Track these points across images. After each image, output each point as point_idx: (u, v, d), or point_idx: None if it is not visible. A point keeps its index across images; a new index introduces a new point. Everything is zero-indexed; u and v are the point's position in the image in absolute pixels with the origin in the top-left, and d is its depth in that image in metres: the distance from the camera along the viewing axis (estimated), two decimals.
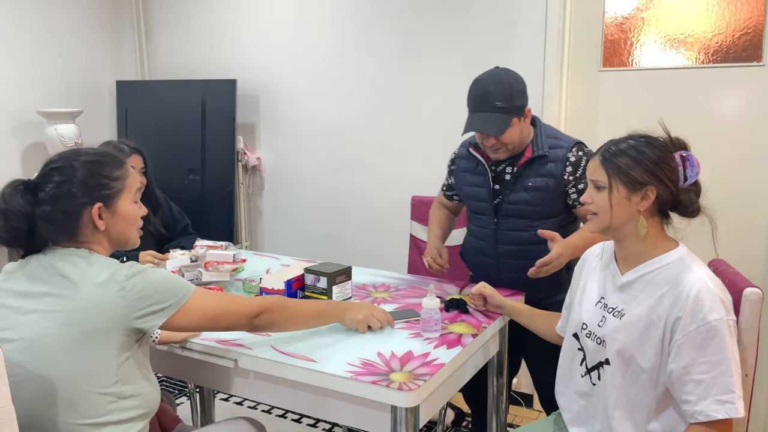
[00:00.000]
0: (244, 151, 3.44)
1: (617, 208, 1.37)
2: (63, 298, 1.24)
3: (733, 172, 2.45)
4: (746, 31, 2.38)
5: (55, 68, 3.38)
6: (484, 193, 2.03)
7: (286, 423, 2.77)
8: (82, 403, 1.25)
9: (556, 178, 1.92)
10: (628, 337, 1.37)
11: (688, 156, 1.36)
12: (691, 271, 1.31)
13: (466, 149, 2.11)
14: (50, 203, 1.28)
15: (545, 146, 1.94)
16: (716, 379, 1.24)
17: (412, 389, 1.34)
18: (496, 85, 1.88)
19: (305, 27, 3.25)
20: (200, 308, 1.35)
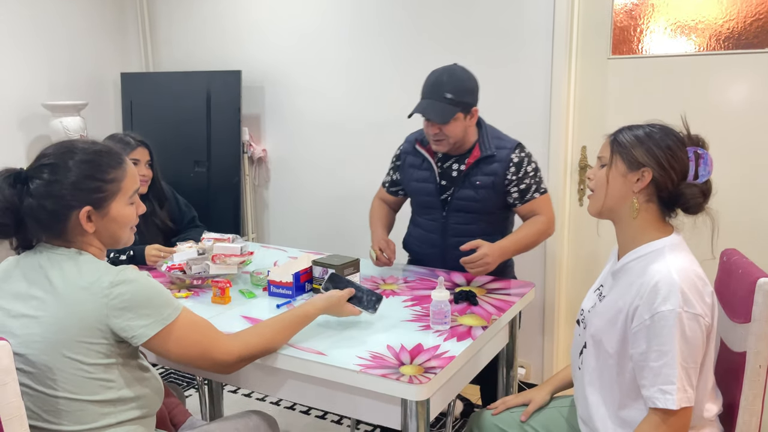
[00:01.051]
0: (250, 143, 3.43)
1: (612, 184, 1.38)
2: (46, 303, 1.21)
3: (745, 160, 2.42)
4: (758, 17, 2.34)
5: (60, 61, 3.37)
6: (431, 188, 2.13)
7: (294, 415, 2.77)
8: (71, 411, 1.23)
9: (499, 177, 2.06)
10: (599, 321, 1.40)
11: (703, 154, 1.34)
12: (661, 261, 1.31)
13: (411, 145, 2.18)
14: (37, 200, 1.23)
15: (492, 146, 2.06)
16: (662, 368, 1.25)
17: (423, 382, 1.33)
18: (449, 77, 1.98)
19: (310, 17, 3.22)
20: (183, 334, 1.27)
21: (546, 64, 2.66)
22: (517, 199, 2.09)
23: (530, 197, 2.09)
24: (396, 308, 1.78)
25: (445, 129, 1.99)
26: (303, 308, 1.53)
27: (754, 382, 1.36)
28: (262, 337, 1.42)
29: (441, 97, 1.97)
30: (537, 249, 2.78)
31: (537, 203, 2.10)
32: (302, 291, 1.90)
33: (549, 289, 2.80)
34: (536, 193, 2.10)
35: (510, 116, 2.78)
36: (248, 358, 1.40)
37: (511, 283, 2.01)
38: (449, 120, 1.96)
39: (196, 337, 1.31)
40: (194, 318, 1.33)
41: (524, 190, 2.08)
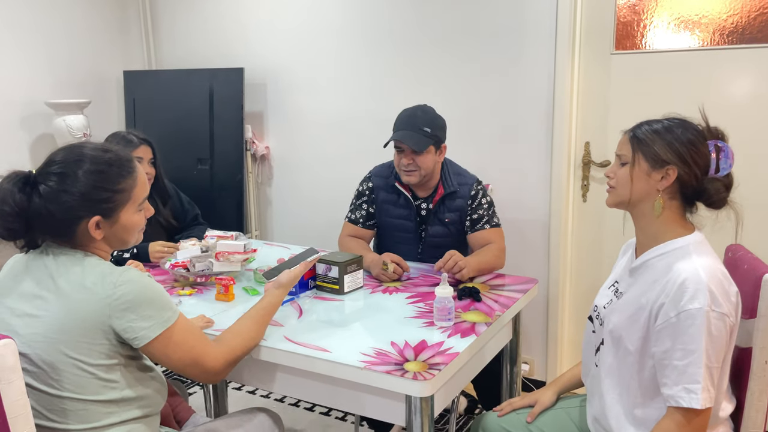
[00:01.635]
0: (253, 140, 3.43)
1: (636, 183, 1.36)
2: (49, 303, 1.22)
3: (749, 155, 2.41)
4: (762, 11, 2.33)
5: (62, 59, 3.37)
6: (410, 226, 2.23)
7: (298, 411, 2.77)
8: (74, 411, 1.23)
9: (464, 212, 2.19)
10: (619, 318, 1.38)
11: (723, 147, 1.33)
12: (688, 259, 1.29)
13: (384, 181, 2.27)
14: (46, 207, 1.22)
15: (454, 183, 2.20)
16: (687, 367, 1.23)
17: (427, 378, 1.33)
18: (423, 113, 2.15)
19: (313, 15, 3.21)
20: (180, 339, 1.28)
21: (549, 59, 2.65)
22: (468, 227, 2.19)
23: (480, 227, 2.17)
24: (400, 305, 1.78)
25: (418, 160, 2.10)
26: (267, 299, 1.55)
27: (761, 378, 1.35)
28: (242, 336, 1.43)
29: (416, 128, 2.09)
30: (540, 245, 2.79)
31: (488, 233, 2.16)
32: (306, 288, 1.90)
33: (552, 285, 2.80)
34: (487, 225, 2.17)
35: (513, 112, 2.77)
36: (233, 361, 1.40)
37: (514, 279, 2.01)
38: (424, 149, 2.08)
39: (192, 343, 1.31)
40: (189, 323, 1.34)
41: (476, 220, 2.18)
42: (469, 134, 2.89)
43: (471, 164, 2.89)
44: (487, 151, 2.86)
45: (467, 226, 2.20)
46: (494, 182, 2.80)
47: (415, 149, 2.08)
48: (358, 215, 2.30)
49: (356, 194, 2.34)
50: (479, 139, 2.87)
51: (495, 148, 2.84)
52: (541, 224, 2.78)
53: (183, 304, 1.82)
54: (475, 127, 2.88)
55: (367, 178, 2.34)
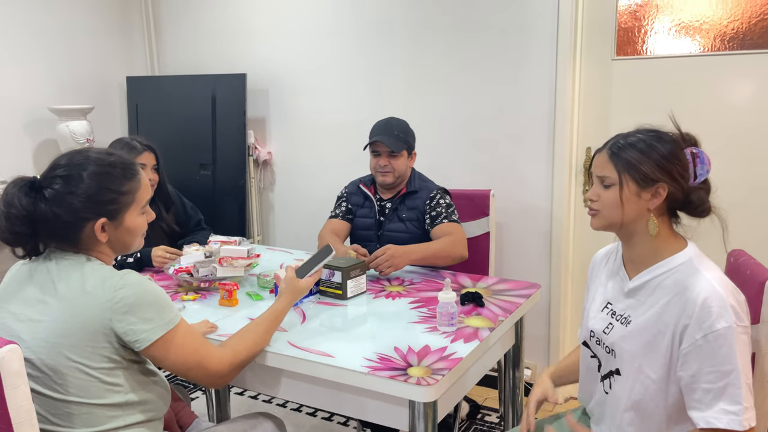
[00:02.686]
0: (255, 146, 3.44)
1: (627, 205, 1.30)
2: (50, 308, 1.22)
3: (751, 160, 2.42)
4: (763, 17, 2.34)
5: (65, 65, 3.38)
6: (371, 223, 2.42)
7: (301, 417, 2.77)
8: (78, 415, 1.24)
9: (420, 212, 2.34)
10: (635, 346, 1.32)
11: (698, 153, 1.30)
12: (699, 275, 1.25)
13: (355, 186, 2.50)
14: (52, 210, 1.23)
15: (416, 185, 2.39)
16: (725, 389, 1.18)
17: (431, 384, 1.33)
18: (398, 122, 2.38)
19: (315, 21, 3.23)
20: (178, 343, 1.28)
21: (550, 65, 2.66)
22: (428, 224, 2.32)
23: (440, 221, 2.30)
24: (403, 310, 1.79)
25: (393, 162, 2.32)
26: (275, 307, 1.56)
27: (764, 384, 1.35)
28: (248, 342, 1.44)
29: (392, 134, 2.33)
30: (542, 250, 2.79)
31: (446, 226, 2.28)
32: (309, 293, 1.90)
33: (554, 290, 2.80)
34: (445, 219, 2.30)
35: (515, 118, 2.78)
36: (238, 365, 1.41)
37: (517, 284, 2.02)
38: (400, 150, 2.31)
39: (194, 346, 1.32)
40: (191, 327, 1.35)
41: (435, 216, 2.32)
42: (471, 140, 2.90)
43: (473, 170, 2.91)
44: (488, 157, 2.87)
45: (427, 223, 2.33)
46: (496, 187, 2.81)
47: (392, 150, 2.29)
48: (338, 211, 2.52)
49: (337, 198, 2.57)
50: (481, 144, 2.88)
51: (497, 153, 2.85)
52: (543, 229, 2.79)
53: (186, 309, 1.83)
54: (477, 133, 2.88)
55: (345, 187, 2.57)
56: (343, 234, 2.49)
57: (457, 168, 2.93)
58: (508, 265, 2.90)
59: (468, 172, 2.92)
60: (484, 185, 2.86)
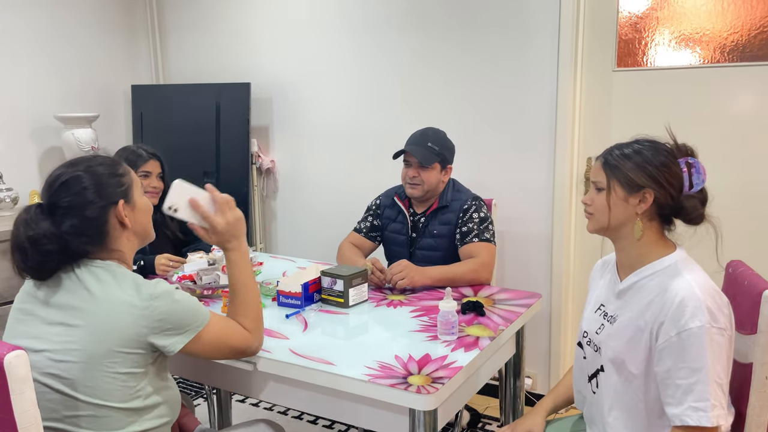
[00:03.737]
0: (258, 154, 3.46)
1: (614, 210, 1.38)
2: (86, 313, 1.24)
3: (749, 172, 2.43)
4: (763, 29, 2.36)
5: (71, 73, 3.41)
6: (403, 240, 2.33)
7: (302, 424, 2.78)
8: (102, 417, 1.26)
9: (453, 226, 2.23)
10: (618, 342, 1.38)
11: (694, 163, 1.35)
12: (680, 277, 1.31)
13: (390, 199, 2.40)
14: (75, 216, 1.27)
15: (449, 198, 2.27)
16: (694, 386, 1.24)
17: (431, 392, 1.34)
18: (434, 133, 2.28)
19: (318, 30, 3.26)
20: (210, 338, 1.35)
21: (552, 76, 2.69)
22: (458, 240, 2.22)
23: (469, 240, 2.19)
24: (404, 318, 1.80)
25: (423, 174, 2.22)
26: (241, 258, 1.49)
27: (761, 394, 1.36)
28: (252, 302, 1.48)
29: (425, 145, 2.23)
30: (543, 259, 2.81)
31: (475, 247, 2.17)
32: (311, 301, 1.92)
33: (555, 298, 2.81)
34: (476, 238, 2.18)
35: (516, 128, 2.80)
36: (260, 327, 1.49)
37: (518, 293, 2.03)
38: (430, 164, 2.20)
39: (224, 334, 1.39)
40: (218, 317, 1.40)
41: (466, 233, 2.20)
42: (473, 148, 2.92)
43: (474, 178, 2.93)
44: (490, 166, 2.89)
45: (457, 239, 2.23)
46: (497, 196, 2.83)
47: (422, 162, 2.20)
48: (362, 225, 2.43)
49: (366, 209, 2.48)
50: (483, 153, 2.90)
51: (498, 162, 2.87)
52: (544, 238, 2.80)
53: None
54: (478, 142, 2.90)
55: (377, 197, 2.49)
56: (365, 250, 2.41)
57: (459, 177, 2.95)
58: (509, 274, 2.92)
59: (469, 181, 2.94)
60: (485, 195, 2.88)
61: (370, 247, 2.43)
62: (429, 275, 2.04)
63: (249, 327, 1.46)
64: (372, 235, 2.42)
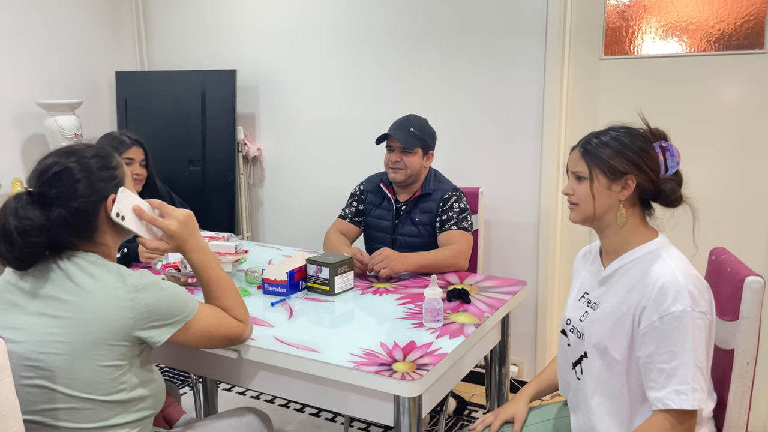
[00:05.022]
0: (245, 142, 3.44)
1: (598, 198, 1.39)
2: (70, 305, 1.22)
3: (736, 159, 2.45)
4: (748, 18, 2.36)
5: (55, 59, 3.36)
6: (387, 226, 2.35)
7: (288, 412, 2.78)
8: (84, 410, 1.24)
9: (433, 215, 2.27)
10: (601, 328, 1.39)
11: (668, 146, 1.38)
12: (661, 261, 1.33)
13: (374, 185, 2.42)
14: (65, 207, 1.24)
15: (431, 187, 2.31)
16: (676, 369, 1.25)
17: (415, 379, 1.34)
18: (416, 119, 2.32)
19: (305, 17, 3.23)
20: (199, 327, 1.34)
21: (539, 65, 2.68)
22: (437, 228, 2.26)
23: (448, 228, 2.23)
24: (390, 306, 1.80)
25: (406, 159, 2.25)
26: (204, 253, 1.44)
27: (743, 379, 1.38)
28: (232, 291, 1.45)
29: (407, 130, 2.26)
30: (530, 247, 2.82)
31: (452, 234, 2.21)
32: (296, 289, 1.91)
33: (542, 286, 2.82)
34: (454, 226, 2.23)
35: (503, 117, 2.80)
36: (247, 314, 1.47)
37: (503, 281, 2.03)
38: (413, 148, 2.24)
39: (213, 323, 1.38)
40: (209, 309, 1.39)
41: (445, 221, 2.25)
42: (461, 138, 2.91)
43: (461, 167, 2.92)
44: (477, 154, 2.89)
45: (437, 226, 2.27)
46: (484, 185, 2.83)
47: (404, 146, 2.23)
48: (347, 211, 2.45)
49: (350, 194, 2.49)
50: (470, 141, 2.90)
51: (485, 151, 2.87)
52: (531, 227, 2.81)
53: None
54: (466, 131, 2.90)
55: (361, 183, 2.48)
56: (351, 236, 2.42)
57: (446, 166, 2.94)
58: (496, 262, 2.92)
59: (457, 171, 2.94)
60: (472, 183, 2.88)
61: (357, 232, 2.45)
62: (409, 262, 2.06)
63: (239, 317, 1.44)
64: (357, 220, 2.44)
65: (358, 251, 2.09)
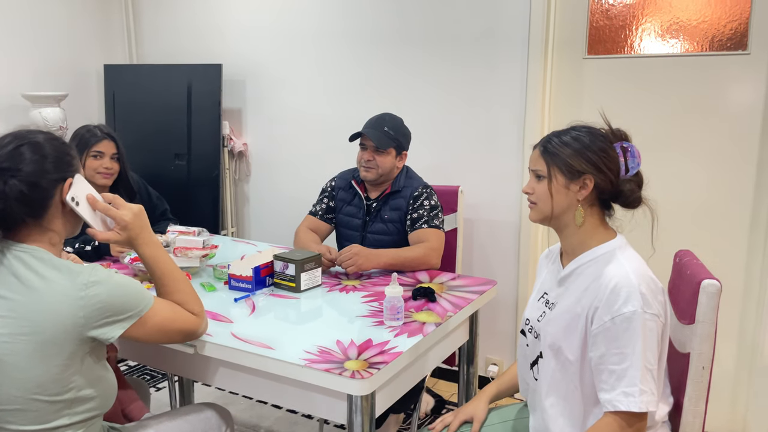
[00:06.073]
0: (231, 137, 3.43)
1: (556, 197, 1.37)
2: (13, 303, 1.18)
3: (716, 162, 2.42)
4: (732, 19, 2.34)
5: (42, 51, 3.36)
6: (357, 224, 2.33)
7: (266, 408, 2.77)
8: (31, 411, 1.21)
9: (403, 212, 2.25)
10: (555, 329, 1.38)
11: (629, 147, 1.36)
12: (615, 263, 1.32)
13: (345, 181, 2.39)
14: (24, 181, 1.21)
15: (401, 184, 2.28)
16: (626, 371, 1.24)
17: (365, 377, 1.33)
18: (391, 118, 2.29)
19: (292, 12, 3.22)
20: (155, 322, 1.31)
21: (522, 63, 2.66)
22: (408, 226, 2.23)
23: (419, 226, 2.20)
24: (354, 304, 1.79)
25: (378, 158, 2.23)
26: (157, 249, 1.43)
27: (698, 384, 1.36)
28: (185, 286, 1.43)
29: (381, 129, 2.24)
30: (510, 246, 2.80)
31: (425, 232, 2.18)
32: (263, 285, 1.90)
33: (522, 286, 2.80)
34: (425, 224, 2.20)
35: (485, 116, 2.78)
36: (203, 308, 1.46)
37: (472, 280, 2.02)
38: (385, 148, 2.21)
39: (171, 322, 1.36)
40: (164, 303, 1.37)
41: (415, 219, 2.22)
42: (442, 137, 2.90)
43: (442, 166, 2.91)
44: (459, 154, 2.87)
45: (408, 225, 2.24)
46: (465, 184, 2.81)
47: (377, 146, 2.20)
48: (318, 208, 2.42)
49: (321, 191, 2.46)
50: (452, 140, 2.88)
51: (467, 150, 2.85)
52: (512, 226, 2.79)
53: None
54: (448, 130, 2.88)
55: (332, 179, 2.45)
56: (322, 233, 2.39)
57: (426, 165, 2.93)
58: (477, 261, 2.91)
59: (438, 169, 2.92)
60: (453, 182, 2.86)
61: (327, 229, 2.42)
62: (379, 260, 2.04)
63: (194, 310, 1.43)
64: (328, 217, 2.41)
65: (326, 249, 2.07)
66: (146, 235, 1.42)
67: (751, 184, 2.37)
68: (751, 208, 2.38)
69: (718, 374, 2.45)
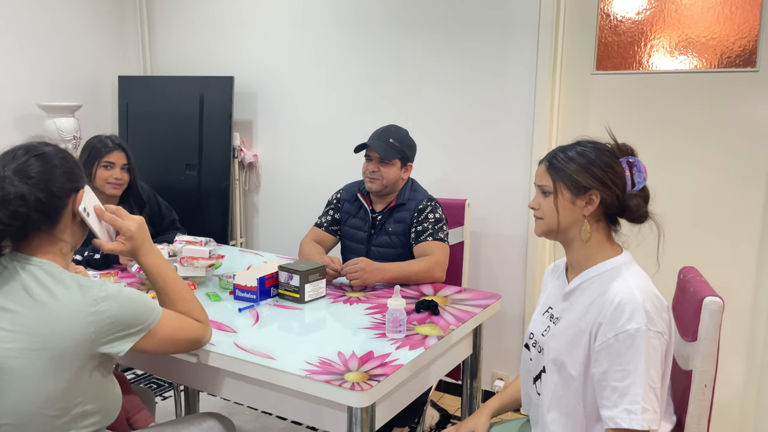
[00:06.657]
0: (241, 148, 3.46)
1: (562, 212, 1.37)
2: (26, 318, 1.18)
3: (725, 178, 2.41)
4: (741, 36, 2.33)
5: (59, 62, 3.42)
6: (362, 236, 2.33)
7: (270, 419, 2.78)
8: (35, 425, 1.21)
9: (407, 225, 2.24)
10: (559, 344, 1.37)
11: (635, 162, 1.36)
12: (621, 279, 1.31)
13: (351, 194, 2.40)
14: (40, 188, 1.22)
15: (406, 197, 2.28)
16: (629, 388, 1.23)
17: (365, 389, 1.33)
18: (396, 130, 2.30)
19: (304, 25, 3.25)
20: (164, 333, 1.33)
21: (530, 78, 2.67)
22: (413, 239, 2.23)
23: (424, 239, 2.20)
24: (357, 315, 1.79)
25: (383, 169, 2.23)
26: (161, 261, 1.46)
27: (700, 402, 1.35)
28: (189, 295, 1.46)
29: (387, 141, 2.24)
30: (517, 260, 2.79)
31: (429, 245, 2.18)
32: (267, 296, 1.91)
33: (529, 300, 2.79)
34: (430, 237, 2.19)
35: (493, 130, 2.79)
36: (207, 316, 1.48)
37: (477, 294, 2.01)
38: (390, 159, 2.22)
39: (179, 332, 1.38)
40: (171, 314, 1.38)
41: (420, 232, 2.21)
42: (451, 151, 2.91)
43: (449, 179, 2.91)
44: (466, 166, 2.88)
45: (412, 237, 2.24)
46: (472, 197, 2.81)
47: (382, 158, 2.21)
48: (323, 220, 2.43)
49: (326, 203, 2.48)
50: (459, 153, 2.89)
51: (474, 163, 2.86)
52: (519, 240, 2.79)
53: None
54: (455, 142, 2.89)
55: (338, 191, 2.47)
56: (327, 245, 2.40)
57: (433, 177, 2.94)
58: (483, 274, 2.90)
59: (445, 182, 2.93)
60: (460, 195, 2.86)
61: (332, 241, 2.42)
62: (384, 275, 2.04)
63: (198, 318, 1.45)
64: (333, 229, 2.42)
65: (330, 260, 2.08)
66: (148, 245, 1.45)
67: (760, 199, 2.35)
68: (760, 224, 2.36)
69: (726, 392, 2.43)
